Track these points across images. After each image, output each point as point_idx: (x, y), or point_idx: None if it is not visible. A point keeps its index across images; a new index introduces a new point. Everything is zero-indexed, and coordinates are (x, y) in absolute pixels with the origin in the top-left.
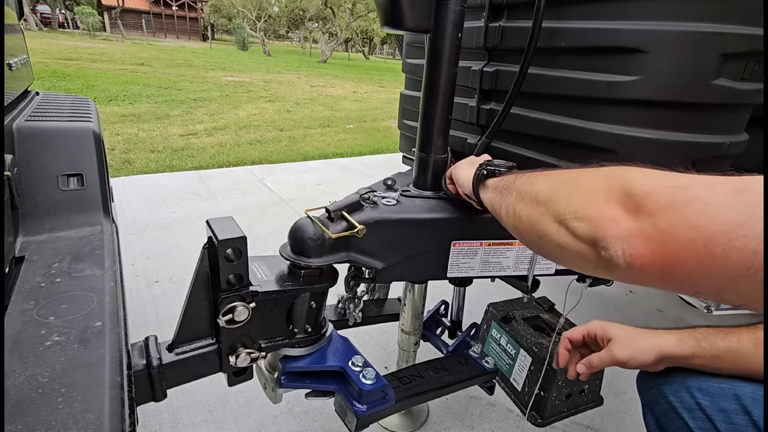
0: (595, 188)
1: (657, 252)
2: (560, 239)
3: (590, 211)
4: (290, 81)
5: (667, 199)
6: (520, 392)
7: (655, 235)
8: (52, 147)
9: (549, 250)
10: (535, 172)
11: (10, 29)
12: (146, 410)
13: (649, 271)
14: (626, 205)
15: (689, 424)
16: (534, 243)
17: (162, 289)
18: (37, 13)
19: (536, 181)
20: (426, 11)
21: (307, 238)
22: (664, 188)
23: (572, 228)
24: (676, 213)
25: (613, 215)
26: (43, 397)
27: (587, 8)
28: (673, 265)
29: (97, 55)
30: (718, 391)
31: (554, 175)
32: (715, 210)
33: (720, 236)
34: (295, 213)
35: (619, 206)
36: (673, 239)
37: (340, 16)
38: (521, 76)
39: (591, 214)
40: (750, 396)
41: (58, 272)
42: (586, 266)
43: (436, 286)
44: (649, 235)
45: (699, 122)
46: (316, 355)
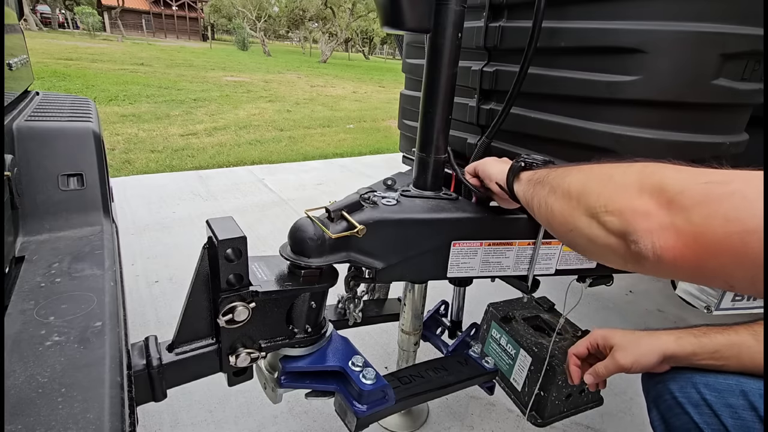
0: (628, 183)
1: (689, 245)
2: (591, 232)
3: (621, 204)
4: (290, 81)
5: (702, 194)
6: (520, 392)
7: (689, 228)
8: (52, 147)
9: (579, 244)
10: (569, 166)
11: (10, 29)
12: (146, 410)
13: (681, 265)
14: (658, 199)
15: (695, 420)
16: (564, 236)
17: (162, 289)
18: (37, 13)
19: (570, 175)
20: (426, 11)
21: (307, 238)
22: (698, 184)
23: (603, 221)
24: (712, 207)
25: (644, 209)
26: (43, 397)
27: (587, 8)
28: (706, 258)
29: (97, 55)
30: (725, 387)
31: (587, 169)
32: (753, 204)
33: (758, 229)
34: (295, 213)
35: (651, 200)
36: (707, 232)
37: (340, 16)
38: (521, 76)
39: (622, 207)
40: (757, 392)
41: (58, 272)
42: (615, 260)
43: (436, 286)
44: (682, 228)
45: (699, 122)
46: (316, 355)
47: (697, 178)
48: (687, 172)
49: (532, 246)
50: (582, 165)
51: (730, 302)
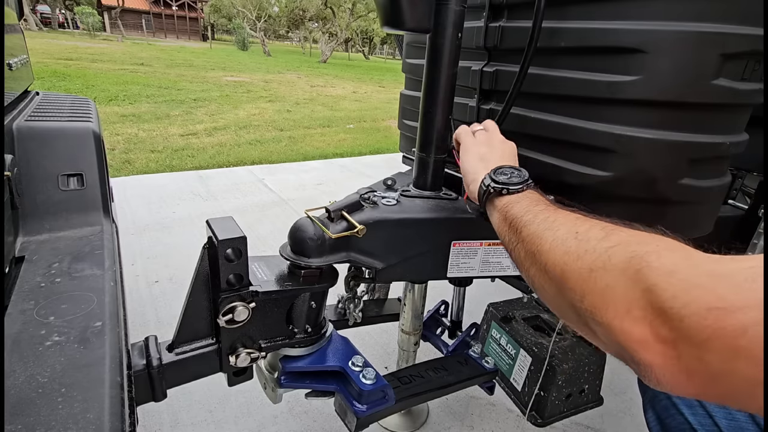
0: (612, 289)
1: (703, 385)
2: (581, 329)
3: (610, 320)
4: (290, 81)
5: (713, 327)
6: (520, 392)
7: (703, 371)
8: (52, 147)
9: (572, 326)
10: (542, 212)
11: (10, 29)
12: (146, 410)
13: (691, 393)
14: (655, 326)
15: (690, 421)
16: (552, 309)
17: (162, 289)
18: (37, 13)
19: (543, 240)
20: (426, 11)
21: (307, 238)
22: (702, 310)
23: (593, 329)
24: (729, 346)
25: (639, 335)
26: (43, 397)
27: (587, 8)
28: (720, 396)
29: (97, 55)
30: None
31: (562, 239)
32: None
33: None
34: (295, 213)
35: (645, 325)
36: (726, 376)
37: (340, 16)
38: (521, 76)
39: (612, 325)
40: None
41: (58, 272)
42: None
43: (436, 286)
44: (695, 370)
45: (699, 122)
46: (316, 355)
47: (698, 294)
48: (682, 277)
49: None
50: (555, 218)
51: None
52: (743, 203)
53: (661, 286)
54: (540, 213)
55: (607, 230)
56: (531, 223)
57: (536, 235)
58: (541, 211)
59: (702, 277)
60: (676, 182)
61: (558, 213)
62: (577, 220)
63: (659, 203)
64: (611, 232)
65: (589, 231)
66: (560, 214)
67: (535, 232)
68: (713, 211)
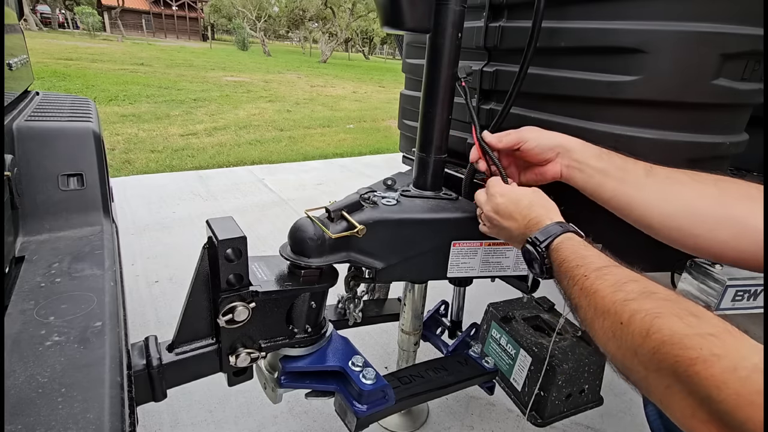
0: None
1: None
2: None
3: (679, 418)
4: (290, 81)
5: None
6: (520, 392)
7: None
8: (52, 147)
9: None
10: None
11: (10, 29)
12: (146, 410)
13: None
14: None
15: None
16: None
17: (162, 289)
18: (37, 13)
19: (595, 305)
20: (426, 11)
21: (307, 238)
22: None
23: (664, 407)
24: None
25: (698, 428)
26: (43, 397)
27: (587, 8)
28: None
29: (97, 55)
30: None
31: (610, 330)
32: None
33: None
34: (295, 213)
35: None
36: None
37: (340, 16)
38: (521, 76)
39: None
40: None
41: (58, 272)
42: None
43: (436, 286)
44: None
45: (699, 122)
46: (316, 355)
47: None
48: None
49: None
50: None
51: (730, 302)
52: None
53: (715, 399)
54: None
55: (647, 320)
56: (581, 275)
57: (588, 295)
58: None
59: (753, 396)
60: None
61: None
62: (616, 303)
63: None
64: (651, 325)
65: (631, 322)
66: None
67: (588, 288)
68: None
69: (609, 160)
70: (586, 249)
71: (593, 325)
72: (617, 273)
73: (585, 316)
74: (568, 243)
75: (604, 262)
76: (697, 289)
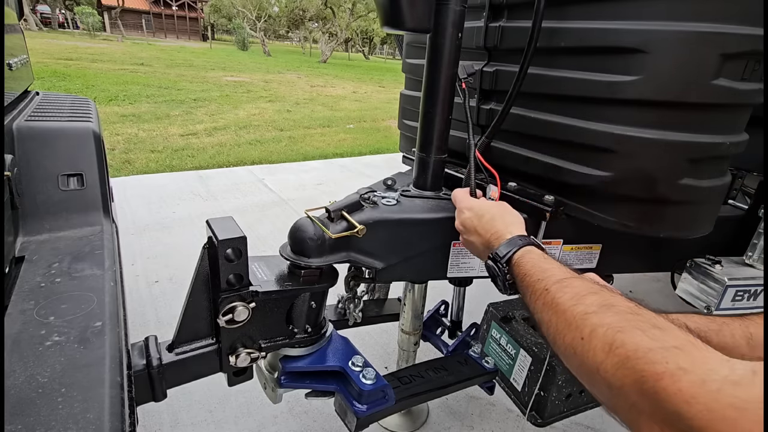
0: (638, 408)
1: None
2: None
3: (634, 424)
4: (290, 81)
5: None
6: (520, 392)
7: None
8: (52, 147)
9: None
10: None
11: (10, 29)
12: (146, 410)
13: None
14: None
15: None
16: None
17: (162, 289)
18: (37, 13)
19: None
20: (426, 11)
21: (307, 238)
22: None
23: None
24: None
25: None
26: (43, 397)
27: (587, 8)
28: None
29: (97, 55)
30: None
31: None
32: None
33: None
34: (295, 213)
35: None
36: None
37: (340, 16)
38: (521, 76)
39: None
40: None
41: (58, 272)
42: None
43: (436, 286)
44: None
45: (699, 122)
46: (316, 355)
47: (708, 396)
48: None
49: None
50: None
51: (730, 302)
52: (743, 203)
53: (685, 415)
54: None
55: (609, 334)
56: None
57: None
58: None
59: (725, 410)
60: (676, 182)
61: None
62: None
63: (659, 203)
64: (613, 340)
65: (592, 338)
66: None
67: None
68: (713, 211)
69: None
70: (547, 262)
71: (555, 342)
72: (577, 285)
73: (548, 332)
74: (528, 257)
75: (565, 275)
76: (697, 289)
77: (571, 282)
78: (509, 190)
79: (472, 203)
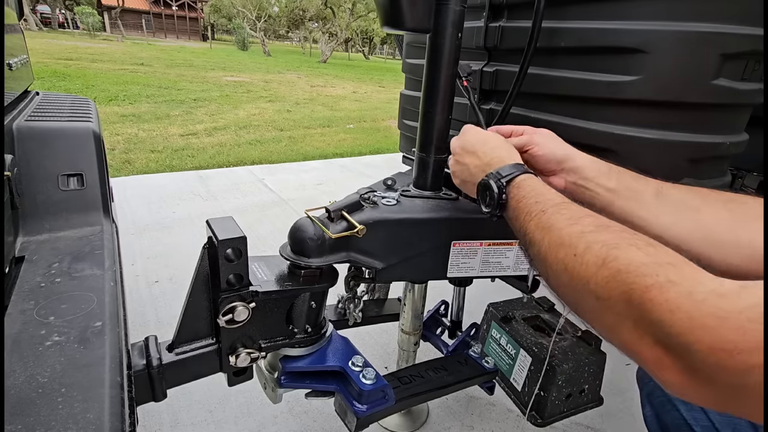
0: (622, 318)
1: (715, 405)
2: (602, 332)
3: (625, 342)
4: (290, 81)
5: (717, 366)
6: (520, 392)
7: (712, 396)
8: (52, 147)
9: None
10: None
11: (10, 29)
12: (146, 410)
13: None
14: (667, 354)
15: (684, 416)
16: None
17: (162, 289)
18: (37, 13)
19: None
20: (426, 11)
21: (307, 238)
22: (706, 349)
23: (609, 338)
24: (732, 384)
25: (654, 358)
26: (43, 397)
27: (587, 8)
28: (731, 412)
29: (97, 55)
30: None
31: (563, 261)
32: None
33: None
34: (295, 213)
35: (658, 350)
36: (732, 402)
37: (340, 16)
38: (521, 76)
39: (627, 347)
40: None
41: (58, 272)
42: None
43: (436, 286)
44: (705, 394)
45: (699, 122)
46: (316, 355)
47: (704, 338)
48: (684, 317)
49: None
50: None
51: None
52: None
53: (666, 323)
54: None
55: (603, 251)
56: (535, 212)
57: (542, 228)
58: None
59: (706, 318)
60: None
61: (553, 217)
62: (572, 235)
63: None
64: (607, 255)
65: (586, 253)
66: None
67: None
68: None
69: (618, 179)
70: (545, 188)
71: (546, 259)
72: (574, 208)
73: (539, 252)
74: (529, 181)
75: (563, 200)
76: None
77: (569, 205)
78: None
79: (478, 130)
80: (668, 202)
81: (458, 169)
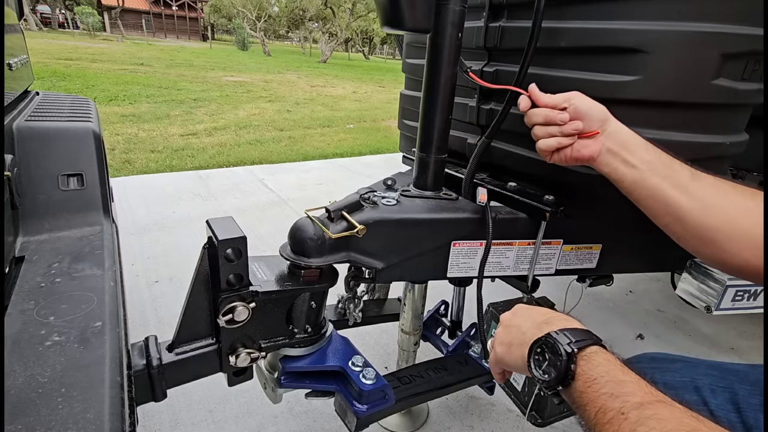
0: None
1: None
2: None
3: None
4: (290, 81)
5: None
6: (520, 392)
7: None
8: (52, 147)
9: None
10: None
11: (10, 29)
12: (146, 410)
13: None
14: None
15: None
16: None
17: (162, 289)
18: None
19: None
20: (426, 11)
21: (307, 238)
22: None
23: None
24: None
25: None
26: (43, 397)
27: (587, 8)
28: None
29: (97, 55)
30: (681, 384)
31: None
32: None
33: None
34: (295, 213)
35: None
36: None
37: (340, 16)
38: (521, 76)
39: None
40: (708, 387)
41: (58, 272)
42: None
43: (436, 286)
44: None
45: (699, 122)
46: (316, 355)
47: None
48: None
49: (532, 246)
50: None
51: (730, 302)
52: None
53: None
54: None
55: None
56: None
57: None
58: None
59: None
60: None
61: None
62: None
63: None
64: None
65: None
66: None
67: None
68: None
69: (655, 153)
70: (623, 372)
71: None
72: (665, 417)
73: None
74: (602, 357)
75: (646, 396)
76: (697, 289)
77: (657, 409)
78: (509, 190)
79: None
80: (702, 187)
81: (504, 334)
